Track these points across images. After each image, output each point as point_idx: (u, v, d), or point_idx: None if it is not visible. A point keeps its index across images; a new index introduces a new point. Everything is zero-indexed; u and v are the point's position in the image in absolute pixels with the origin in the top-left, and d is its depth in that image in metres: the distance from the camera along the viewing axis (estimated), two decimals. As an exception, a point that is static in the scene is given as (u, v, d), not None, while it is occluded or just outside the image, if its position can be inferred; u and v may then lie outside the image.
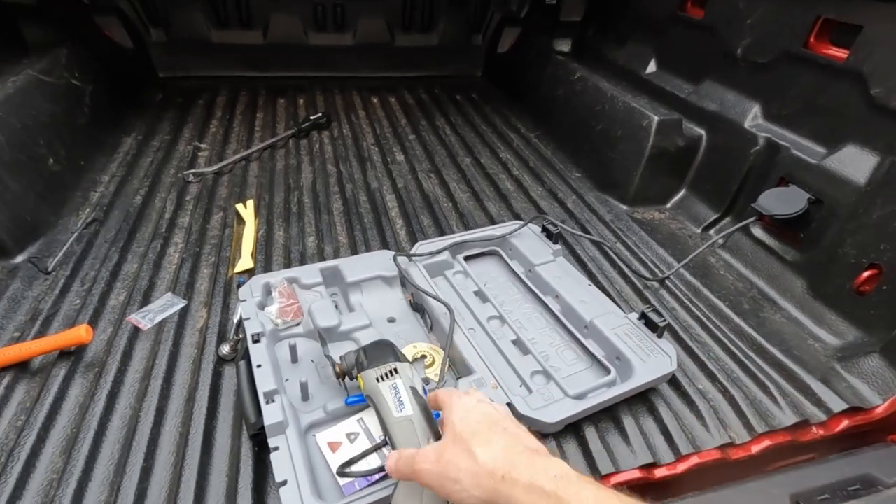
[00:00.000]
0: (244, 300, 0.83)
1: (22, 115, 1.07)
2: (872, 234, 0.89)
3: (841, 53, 0.99)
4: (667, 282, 1.07)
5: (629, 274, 1.08)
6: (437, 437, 0.57)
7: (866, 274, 0.90)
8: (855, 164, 0.96)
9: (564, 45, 1.87)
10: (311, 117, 1.60)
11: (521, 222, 1.09)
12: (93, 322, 0.85)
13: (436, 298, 0.85)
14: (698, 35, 1.33)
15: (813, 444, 0.80)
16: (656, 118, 1.26)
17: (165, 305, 0.89)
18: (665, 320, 0.83)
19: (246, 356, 0.74)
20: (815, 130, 1.06)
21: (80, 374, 0.76)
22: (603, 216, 1.29)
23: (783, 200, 1.05)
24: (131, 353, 0.80)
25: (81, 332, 0.76)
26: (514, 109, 1.90)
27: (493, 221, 1.22)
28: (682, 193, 1.36)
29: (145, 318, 0.86)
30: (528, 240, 1.07)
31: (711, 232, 1.24)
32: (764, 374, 0.87)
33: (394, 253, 0.93)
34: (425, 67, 2.14)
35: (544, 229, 1.08)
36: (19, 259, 0.97)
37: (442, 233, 1.17)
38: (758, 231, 1.14)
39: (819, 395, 0.83)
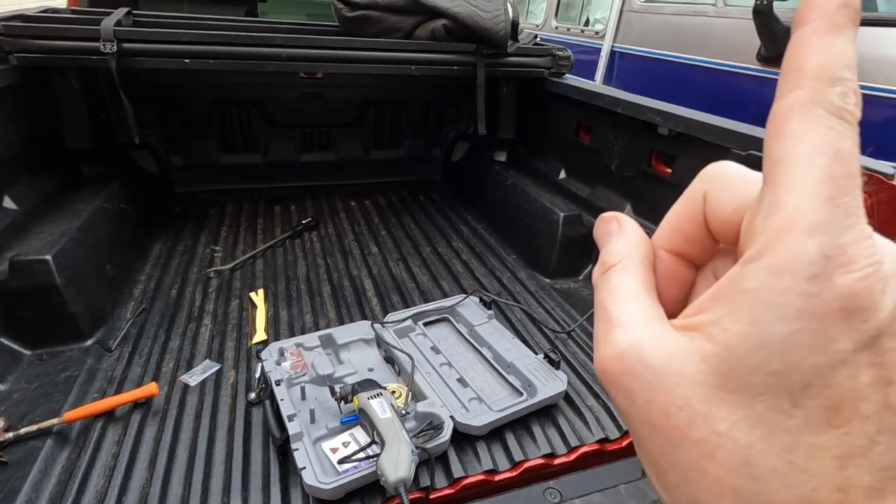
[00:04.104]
0: (266, 359, 1.17)
1: (93, 234, 1.44)
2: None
3: (668, 170, 1.48)
4: (573, 333, 1.46)
5: (545, 329, 1.47)
6: (406, 433, 0.91)
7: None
8: (685, 244, 1.41)
9: (502, 157, 2.40)
10: (303, 221, 2.03)
11: (464, 295, 1.49)
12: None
13: (402, 351, 1.21)
14: (589, 154, 1.84)
15: (667, 439, 1.16)
16: (562, 214, 1.72)
17: (205, 368, 1.23)
18: (559, 358, 1.21)
19: (270, 396, 1.07)
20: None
21: (151, 418, 1.08)
22: (530, 288, 1.70)
23: (648, 270, 1.48)
24: (185, 403, 1.13)
25: (153, 388, 1.10)
26: (465, 207, 2.37)
27: (445, 296, 1.61)
28: (590, 267, 1.79)
29: (192, 378, 1.19)
30: (470, 308, 1.46)
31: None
32: (634, 392, 1.24)
33: (371, 322, 1.31)
34: (395, 175, 2.63)
35: (481, 300, 1.47)
36: (90, 342, 1.30)
37: (407, 306, 1.54)
38: (639, 293, 1.56)
39: (671, 404, 1.20)
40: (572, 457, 1.07)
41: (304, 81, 2.21)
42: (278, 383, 1.09)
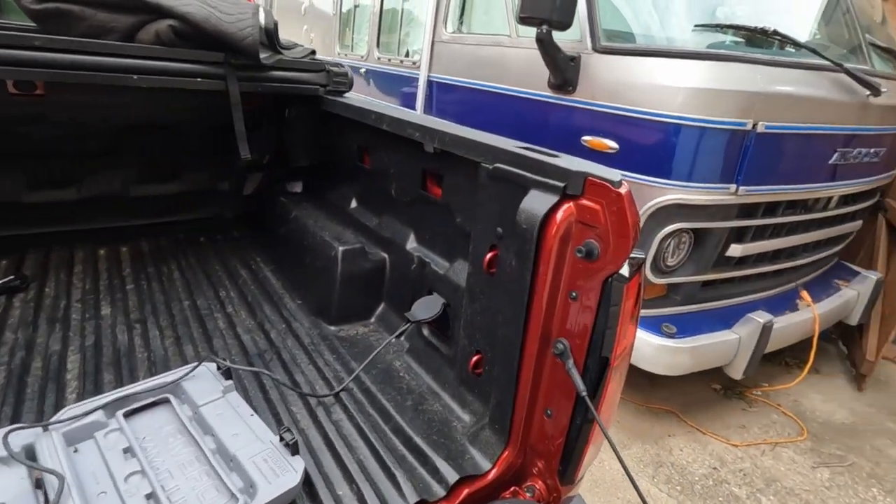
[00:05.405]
0: None
1: None
2: (471, 326, 1.14)
3: (439, 191, 1.32)
4: (346, 393, 1.19)
5: (307, 394, 1.17)
6: None
7: (475, 358, 1.13)
8: (460, 274, 1.24)
9: (297, 187, 2.11)
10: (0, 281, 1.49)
11: (194, 364, 1.13)
12: None
13: (45, 471, 0.81)
14: (373, 180, 1.64)
15: (437, 521, 0.92)
16: (341, 248, 1.47)
17: None
18: (294, 438, 0.91)
19: None
20: (443, 249, 1.36)
21: None
22: (305, 341, 1.40)
23: (428, 307, 1.29)
24: None
25: None
26: (257, 248, 2.01)
27: (187, 363, 1.23)
28: (382, 307, 1.56)
29: None
30: (202, 381, 1.10)
31: (402, 339, 1.43)
32: (402, 464, 0.99)
33: (6, 429, 0.88)
34: (169, 213, 2.17)
35: (218, 367, 1.13)
36: None
37: (121, 385, 1.13)
38: (426, 332, 1.36)
39: (443, 472, 0.98)
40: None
41: (18, 99, 1.69)
42: None
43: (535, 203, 0.88)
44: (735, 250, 2.38)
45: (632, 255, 0.82)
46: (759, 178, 2.20)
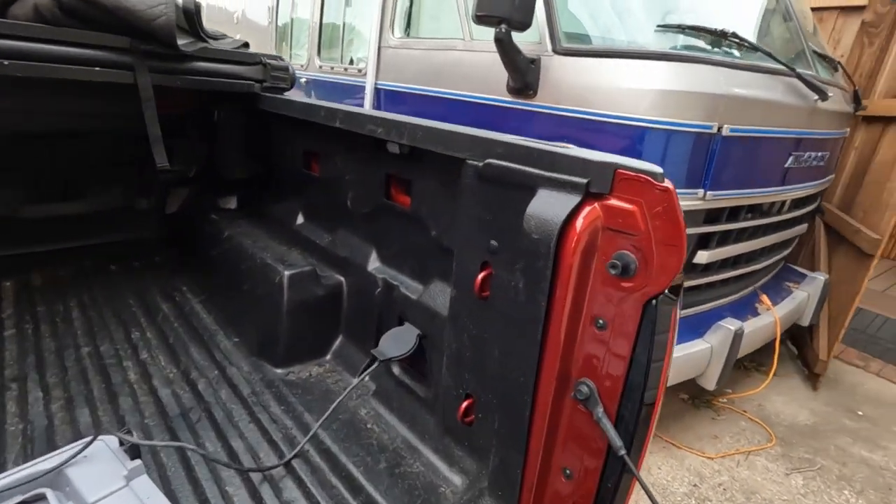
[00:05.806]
0: None
1: None
2: (457, 364, 0.92)
3: (406, 200, 1.10)
4: (300, 458, 0.93)
5: (244, 469, 0.90)
6: None
7: (465, 404, 0.91)
8: (439, 298, 1.02)
9: (231, 203, 1.81)
10: None
11: (86, 441, 0.83)
12: None
13: None
14: (324, 190, 1.40)
15: None
16: (287, 273, 1.21)
17: None
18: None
19: None
20: (413, 269, 1.13)
21: None
22: (244, 391, 1.12)
23: (399, 341, 1.05)
24: None
25: None
26: (181, 274, 1.69)
27: (79, 436, 0.93)
28: (339, 341, 1.30)
29: None
30: (96, 464, 0.80)
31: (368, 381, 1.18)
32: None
33: None
34: (72, 238, 1.80)
35: (121, 442, 0.84)
36: None
37: (-24, 482, 0.81)
38: (396, 370, 1.12)
39: (437, 564, 0.74)
40: None
41: None
42: None
43: (549, 206, 0.68)
44: (702, 257, 2.32)
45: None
46: (725, 183, 2.15)
